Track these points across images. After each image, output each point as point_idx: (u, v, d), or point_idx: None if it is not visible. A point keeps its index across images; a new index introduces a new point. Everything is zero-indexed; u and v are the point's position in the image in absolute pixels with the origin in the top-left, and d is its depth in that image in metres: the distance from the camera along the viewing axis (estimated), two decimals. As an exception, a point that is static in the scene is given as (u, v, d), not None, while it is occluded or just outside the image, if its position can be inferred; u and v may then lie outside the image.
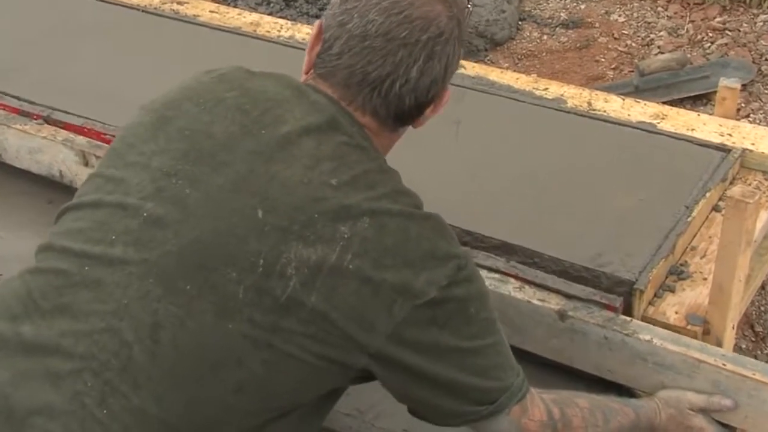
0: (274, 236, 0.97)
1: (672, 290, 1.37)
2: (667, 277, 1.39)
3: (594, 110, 1.71)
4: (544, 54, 3.08)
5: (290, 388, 1.00)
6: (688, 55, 2.91)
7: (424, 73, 1.07)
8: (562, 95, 1.76)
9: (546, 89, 1.77)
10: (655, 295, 1.35)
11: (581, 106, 1.73)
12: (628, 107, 1.72)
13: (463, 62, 1.87)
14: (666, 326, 1.31)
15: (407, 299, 0.99)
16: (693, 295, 1.35)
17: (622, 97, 1.78)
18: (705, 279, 1.37)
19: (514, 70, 2.67)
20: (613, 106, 1.73)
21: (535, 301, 1.30)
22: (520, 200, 1.50)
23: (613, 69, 2.98)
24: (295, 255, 0.97)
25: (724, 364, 1.20)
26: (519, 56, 3.09)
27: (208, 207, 0.99)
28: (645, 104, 1.74)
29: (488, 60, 3.05)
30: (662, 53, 2.95)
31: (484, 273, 1.21)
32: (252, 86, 1.09)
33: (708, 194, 1.49)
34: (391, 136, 1.13)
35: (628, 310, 1.32)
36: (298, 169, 1.01)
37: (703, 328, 1.30)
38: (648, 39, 3.06)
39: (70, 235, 1.03)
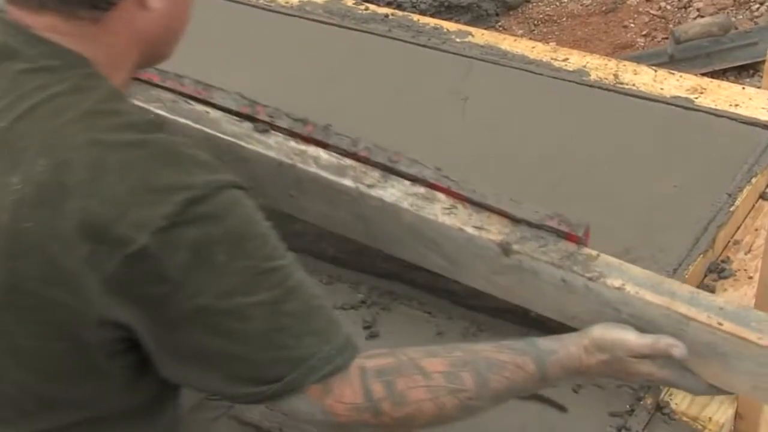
0: None
1: (712, 290, 1.38)
2: (706, 276, 1.40)
3: (621, 84, 1.72)
4: (564, 19, 3.10)
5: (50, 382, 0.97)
6: (733, 19, 2.92)
7: None
8: (584, 66, 1.76)
9: (566, 60, 1.78)
10: (692, 297, 1.37)
11: (607, 78, 1.73)
12: (662, 80, 1.73)
13: (470, 29, 1.90)
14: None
15: (112, 249, 0.90)
16: (736, 297, 1.36)
17: (655, 68, 1.79)
18: (750, 278, 1.39)
19: (530, 38, 2.69)
20: (644, 78, 1.74)
21: (470, 230, 1.14)
22: (536, 188, 1.51)
23: (645, 36, 3.00)
24: None
25: (720, 323, 1.03)
26: (535, 21, 3.11)
27: None
28: (681, 76, 1.75)
29: (500, 26, 3.07)
30: (702, 17, 2.96)
31: (401, 188, 1.17)
32: None
33: (754, 180, 1.50)
34: (101, 32, 0.99)
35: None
36: None
37: (747, 333, 1.31)
38: (685, 0, 3.08)
39: None
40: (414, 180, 1.20)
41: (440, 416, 1.03)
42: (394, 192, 1.19)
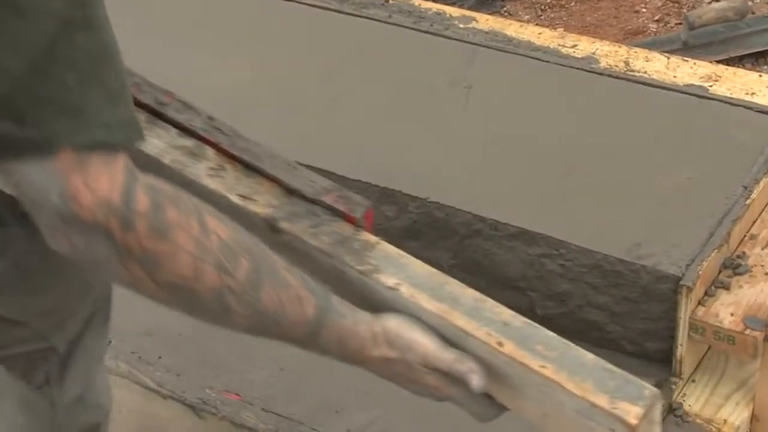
0: None
1: (726, 287, 1.37)
2: (720, 272, 1.39)
3: (632, 71, 1.72)
4: (572, 3, 3.09)
5: None
6: (750, 3, 2.91)
7: None
8: (594, 53, 1.76)
9: (575, 46, 1.78)
10: (705, 294, 1.36)
11: (617, 66, 1.73)
12: (675, 67, 1.73)
13: (474, 14, 1.90)
14: (719, 331, 1.32)
15: None
16: (752, 294, 1.36)
17: (667, 55, 1.79)
18: (767, 274, 1.38)
19: (536, 24, 2.68)
20: (656, 66, 1.73)
21: (234, 198, 1.01)
22: (543, 180, 1.51)
23: (657, 21, 2.99)
24: None
25: (500, 343, 0.93)
26: (542, 6, 3.10)
27: None
28: (695, 64, 1.75)
29: (505, 11, 3.06)
30: (717, 1, 2.95)
31: (168, 138, 1.03)
32: None
33: (770, 171, 1.50)
34: None
35: (673, 311, 1.33)
36: None
37: (764, 333, 1.31)
38: (700, -17, 3.07)
39: None
40: (183, 130, 1.05)
41: (189, 283, 0.87)
42: (157, 143, 1.03)
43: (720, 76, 1.70)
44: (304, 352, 1.48)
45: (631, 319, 1.40)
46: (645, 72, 1.72)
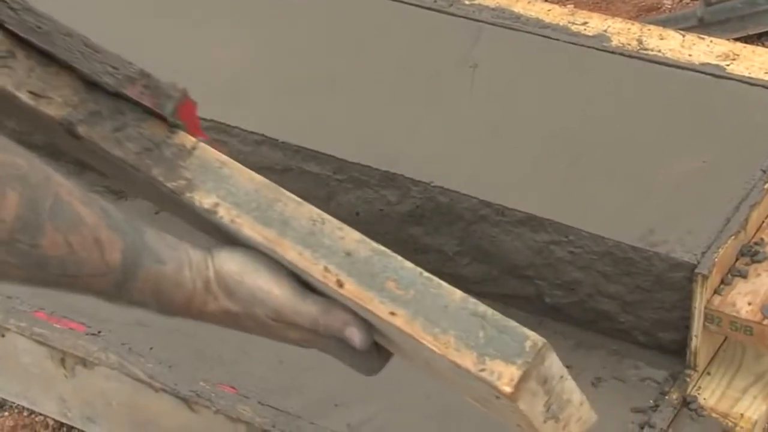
0: None
1: (744, 276, 1.37)
2: (737, 260, 1.39)
3: (646, 50, 1.71)
4: (584, -21, 3.06)
5: None
6: (768, -21, 2.88)
7: None
8: (605, 31, 1.75)
9: (585, 23, 1.77)
10: (722, 282, 1.36)
11: (630, 44, 1.72)
12: (690, 45, 1.72)
13: (479, -11, 1.88)
14: (736, 321, 1.31)
15: None
16: (771, 282, 1.35)
17: (683, 32, 1.78)
18: (786, 261, 1.38)
19: (545, 0, 2.66)
20: (671, 44, 1.72)
21: (24, 96, 0.85)
22: (552, 163, 1.50)
23: (672, -3, 2.97)
24: None
25: (339, 282, 0.78)
26: (553, -18, 3.07)
27: None
28: (712, 41, 1.74)
29: (514, -13, 3.04)
30: (735, -24, 2.92)
31: None
32: None
33: (791, 154, 1.49)
34: None
35: (687, 300, 1.32)
36: None
37: (783, 323, 1.30)
38: (716, -41, 3.04)
39: None
40: None
41: None
42: None
43: (738, 55, 1.69)
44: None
45: (644, 309, 1.40)
46: (659, 50, 1.71)
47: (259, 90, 1.65)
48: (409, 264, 0.79)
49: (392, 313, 0.76)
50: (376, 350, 0.84)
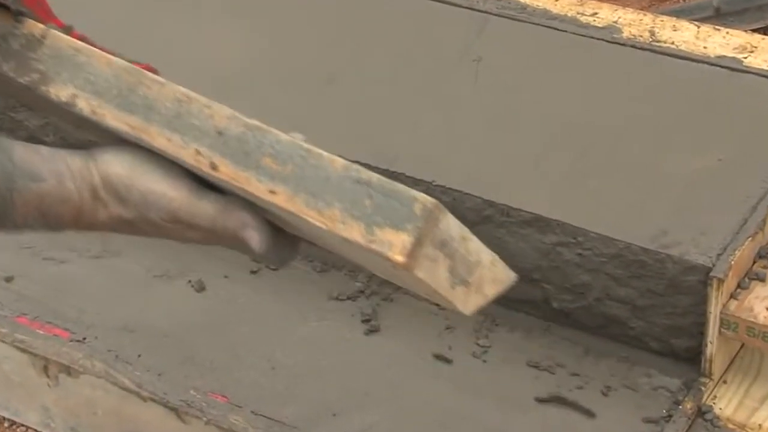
0: None
1: (761, 279, 1.37)
2: (755, 262, 1.39)
3: (658, 42, 1.70)
4: (594, -31, 3.05)
5: None
6: (787, -32, 2.88)
7: None
8: (616, 22, 1.75)
9: (595, 14, 1.77)
10: (739, 286, 1.35)
11: (641, 36, 1.72)
12: (705, 37, 1.72)
13: (483, -21, 1.88)
14: (754, 327, 1.31)
15: None
16: (789, 286, 1.35)
17: (697, 23, 1.78)
18: (806, 264, 1.37)
19: (555, -9, 2.65)
20: (685, 35, 1.72)
21: None
22: (560, 161, 1.50)
23: (686, -13, 2.96)
24: None
25: (213, 165, 0.77)
26: (562, -28, 3.07)
27: None
28: (728, 33, 1.74)
29: (521, -22, 3.03)
30: (752, -35, 2.92)
31: None
32: None
33: (810, 152, 1.48)
34: None
35: (702, 305, 1.32)
36: None
37: (802, 329, 1.29)
38: (733, -54, 3.04)
39: None
40: None
41: None
42: None
43: (755, 47, 1.68)
44: (297, 350, 1.47)
45: (656, 314, 1.39)
46: (672, 42, 1.70)
47: (258, 85, 1.65)
48: (285, 137, 0.77)
49: (272, 192, 0.74)
50: (283, 238, 0.81)
